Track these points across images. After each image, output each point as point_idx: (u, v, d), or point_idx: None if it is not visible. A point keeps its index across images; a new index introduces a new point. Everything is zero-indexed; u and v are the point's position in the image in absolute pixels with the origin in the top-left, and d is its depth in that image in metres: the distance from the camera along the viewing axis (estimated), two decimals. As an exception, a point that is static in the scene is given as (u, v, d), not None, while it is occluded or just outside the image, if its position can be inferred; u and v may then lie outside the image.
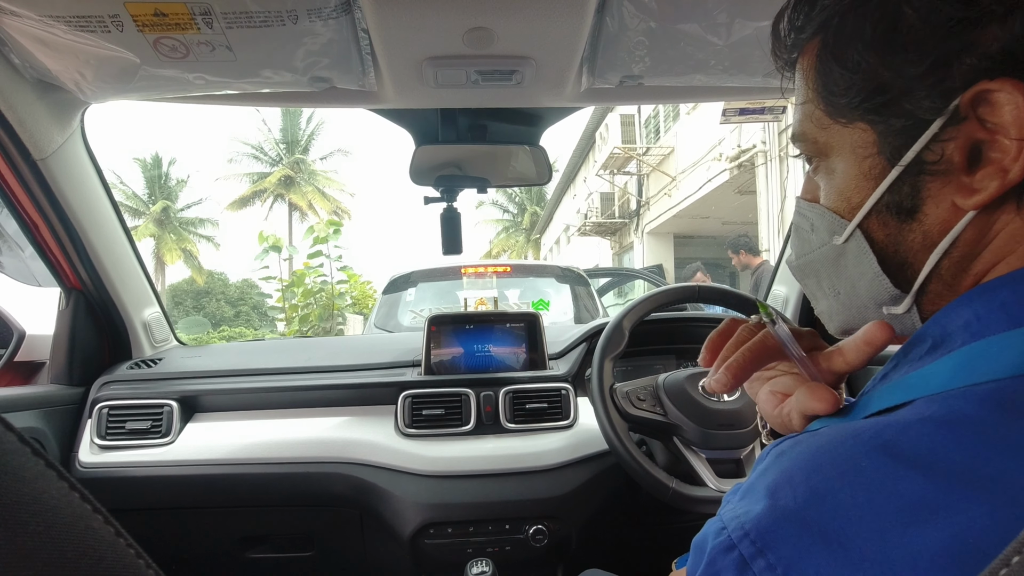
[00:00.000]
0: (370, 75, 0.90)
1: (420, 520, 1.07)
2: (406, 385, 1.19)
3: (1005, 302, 0.30)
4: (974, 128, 0.30)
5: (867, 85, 0.33)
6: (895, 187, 0.34)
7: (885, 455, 0.26)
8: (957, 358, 0.29)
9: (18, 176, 1.01)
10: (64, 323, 1.20)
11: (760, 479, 0.31)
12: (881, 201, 0.35)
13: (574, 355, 1.27)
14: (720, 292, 1.15)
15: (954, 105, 0.30)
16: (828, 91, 0.36)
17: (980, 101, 0.30)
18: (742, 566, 0.28)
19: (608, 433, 0.96)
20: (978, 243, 0.32)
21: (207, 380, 1.22)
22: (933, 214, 0.33)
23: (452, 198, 1.17)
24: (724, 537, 0.30)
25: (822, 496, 0.27)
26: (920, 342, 0.33)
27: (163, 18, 0.73)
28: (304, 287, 6.15)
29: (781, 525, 0.27)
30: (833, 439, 0.29)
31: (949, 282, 0.34)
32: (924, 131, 0.32)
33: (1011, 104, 0.29)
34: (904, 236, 0.35)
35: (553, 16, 0.75)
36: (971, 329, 0.30)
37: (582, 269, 3.43)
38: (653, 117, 12.85)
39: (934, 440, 0.26)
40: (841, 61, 0.34)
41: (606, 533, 1.22)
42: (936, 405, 0.27)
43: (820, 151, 0.38)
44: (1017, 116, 0.29)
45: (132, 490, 1.12)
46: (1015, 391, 0.26)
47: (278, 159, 25.71)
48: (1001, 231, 0.31)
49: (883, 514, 0.25)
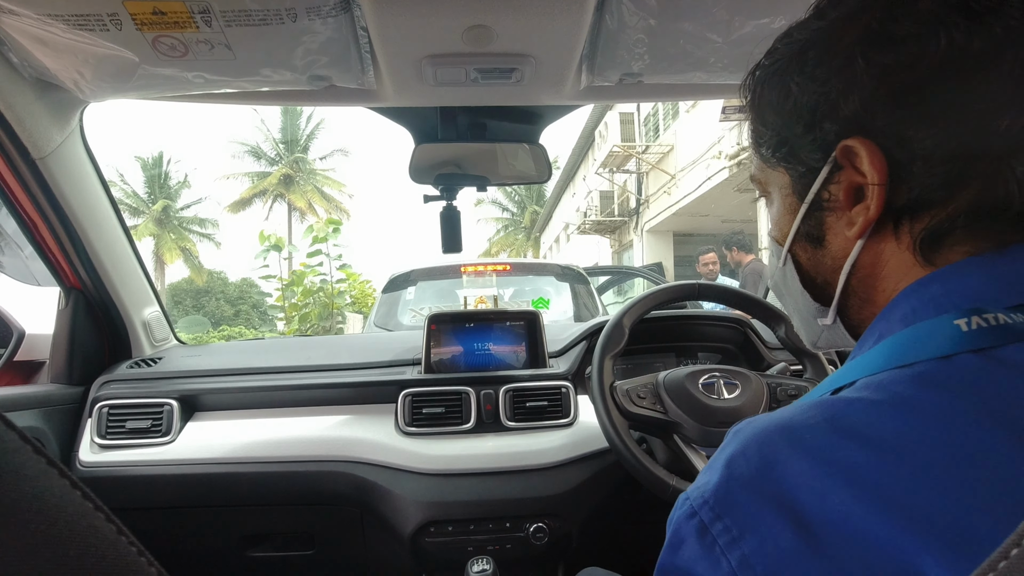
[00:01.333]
0: (369, 73, 0.90)
1: (421, 518, 1.07)
2: (406, 384, 1.19)
3: (934, 295, 0.35)
4: (852, 174, 0.37)
5: (774, 139, 0.42)
6: (806, 219, 0.42)
7: (828, 428, 0.30)
8: (890, 343, 0.34)
9: (17, 175, 1.01)
10: (64, 322, 1.20)
11: (719, 454, 0.34)
12: (799, 231, 0.43)
13: (574, 353, 1.27)
14: (720, 290, 1.15)
15: (832, 156, 0.38)
16: (756, 142, 0.45)
17: (850, 153, 0.37)
18: (702, 530, 0.31)
19: (608, 431, 0.96)
20: (876, 266, 0.39)
21: (207, 379, 1.22)
22: (835, 243, 0.41)
23: (452, 196, 1.17)
24: (687, 506, 0.33)
25: (772, 464, 0.30)
26: (870, 335, 0.39)
27: (162, 17, 0.72)
28: (304, 286, 6.15)
29: (736, 492, 0.31)
30: (785, 416, 0.33)
31: (863, 297, 0.41)
32: (817, 176, 0.39)
33: (865, 156, 0.36)
34: (820, 260, 0.43)
35: (553, 14, 0.75)
36: (906, 320, 0.35)
37: (582, 267, 3.43)
38: (652, 115, 12.84)
39: (870, 415, 0.30)
40: (761, 119, 0.43)
41: (606, 531, 1.22)
42: (872, 385, 0.32)
43: (763, 188, 0.48)
44: (870, 166, 0.36)
45: (132, 489, 1.12)
46: (936, 371, 0.31)
47: (277, 158, 25.70)
48: (890, 259, 0.38)
49: (823, 477, 0.28)
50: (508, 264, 3.24)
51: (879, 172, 0.35)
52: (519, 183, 1.29)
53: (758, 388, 0.98)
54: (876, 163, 0.35)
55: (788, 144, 0.41)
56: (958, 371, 0.30)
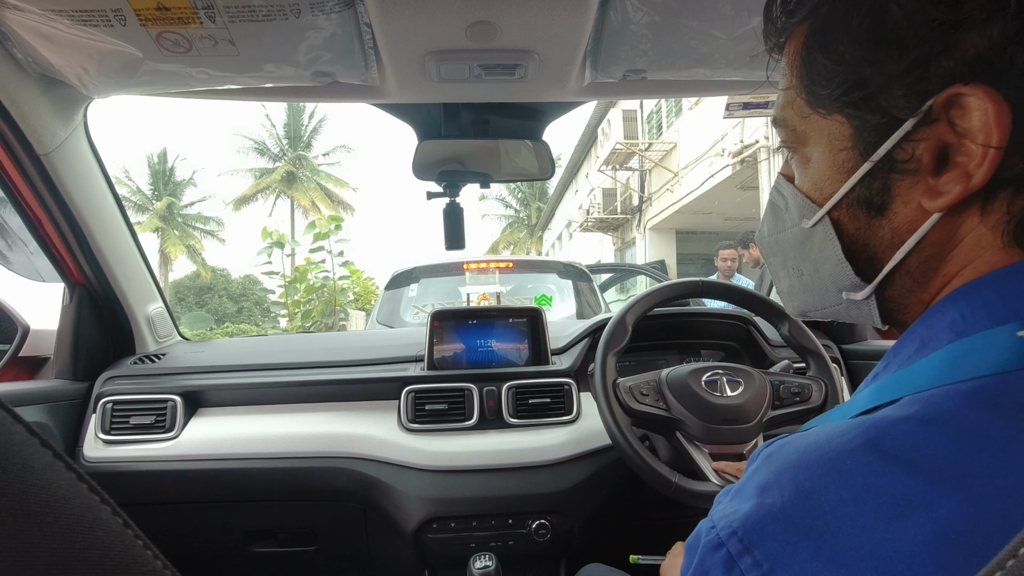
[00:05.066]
0: (373, 69, 0.90)
1: (423, 515, 1.07)
2: (409, 380, 1.19)
3: (988, 301, 0.30)
4: (944, 131, 0.31)
5: (848, 78, 0.33)
6: (865, 182, 0.34)
7: (870, 452, 0.27)
8: (942, 356, 0.30)
9: (21, 171, 1.01)
10: (68, 318, 1.20)
11: (750, 480, 0.31)
12: (852, 194, 0.35)
13: (577, 350, 1.27)
14: (723, 288, 1.15)
15: (927, 106, 0.31)
16: (811, 80, 0.36)
17: (952, 104, 0.30)
18: (729, 563, 0.28)
19: (611, 428, 0.96)
20: (945, 245, 0.33)
21: (210, 375, 1.22)
22: (901, 212, 0.34)
23: (455, 193, 1.17)
24: (713, 536, 0.30)
25: (808, 494, 0.27)
26: (909, 342, 0.34)
27: (166, 12, 0.73)
28: (306, 283, 6.16)
29: (767, 523, 0.28)
30: (820, 438, 0.29)
31: (918, 279, 0.35)
32: (897, 129, 0.32)
33: (980, 110, 0.29)
34: (873, 231, 0.35)
35: (556, 10, 0.75)
36: (956, 328, 0.31)
37: (584, 265, 3.43)
38: (656, 112, 12.80)
39: (917, 437, 0.26)
40: (826, 51, 0.35)
41: (609, 528, 1.22)
42: (921, 403, 0.28)
43: (799, 139, 0.39)
44: (984, 123, 0.29)
45: (136, 484, 1.12)
46: (996, 388, 0.27)
47: (281, 155, 25.73)
48: (966, 236, 0.32)
49: (867, 510, 0.25)
50: (511, 261, 3.24)
51: (1001, 132, 0.29)
52: (522, 180, 1.29)
53: (761, 385, 0.98)
54: (1000, 121, 0.28)
55: (867, 85, 0.33)
56: (1020, 389, 0.26)
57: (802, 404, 0.98)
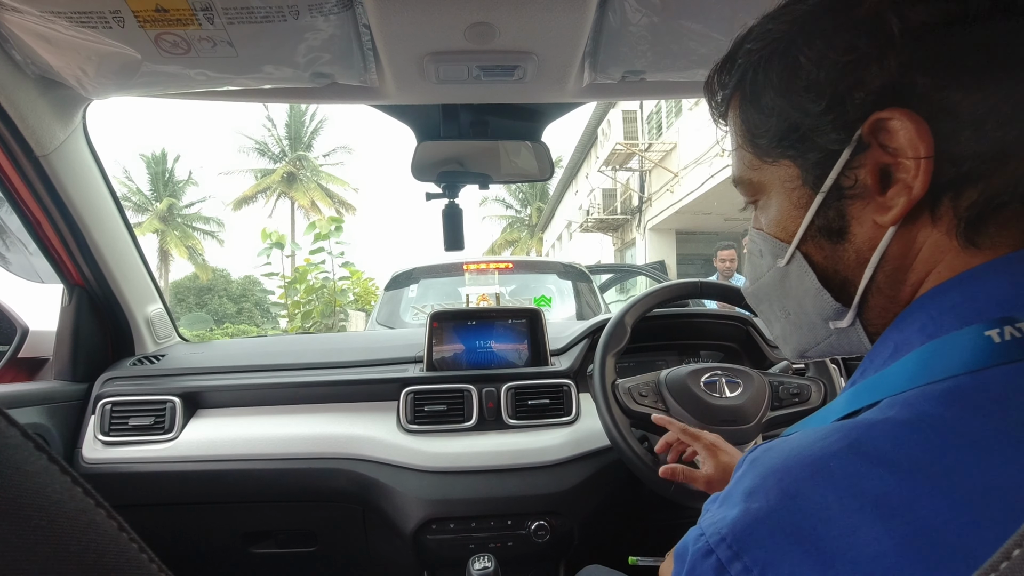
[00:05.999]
0: (371, 71, 0.90)
1: (422, 516, 1.07)
2: (408, 381, 1.19)
3: (955, 304, 0.32)
4: (879, 153, 0.34)
5: (782, 125, 0.37)
6: (822, 212, 0.37)
7: (853, 454, 0.28)
8: (915, 358, 0.31)
9: (20, 172, 1.01)
10: (67, 319, 1.20)
11: (736, 485, 0.32)
12: (813, 226, 0.38)
13: (576, 351, 1.27)
14: (722, 288, 1.15)
15: (857, 135, 0.34)
16: (752, 135, 0.40)
17: (879, 129, 0.33)
18: (720, 570, 0.29)
19: (610, 429, 0.96)
20: (906, 255, 0.35)
21: (210, 376, 1.22)
22: (860, 233, 0.36)
23: (454, 194, 1.17)
24: (702, 543, 0.31)
25: (793, 497, 0.28)
26: (883, 348, 0.36)
27: (164, 14, 0.73)
28: (306, 283, 6.16)
29: (755, 528, 0.28)
30: (804, 442, 0.30)
31: (889, 294, 0.37)
32: (837, 160, 0.35)
33: (903, 129, 0.32)
34: (839, 255, 0.38)
35: (555, 11, 0.75)
36: (926, 331, 0.32)
37: (584, 265, 3.43)
38: (655, 113, 12.81)
39: (897, 438, 0.27)
40: (758, 107, 0.39)
41: (608, 529, 1.22)
42: (898, 405, 0.29)
43: (756, 189, 0.43)
44: (910, 139, 0.32)
45: (135, 486, 1.12)
46: (969, 387, 0.28)
47: (282, 155, 25.73)
48: (924, 244, 0.34)
49: (852, 511, 0.26)
50: (510, 262, 3.23)
51: (926, 145, 0.31)
52: (521, 181, 1.28)
53: (760, 386, 0.97)
54: (922, 135, 0.31)
55: (799, 129, 0.36)
56: (991, 386, 0.28)
57: (801, 405, 0.98)
